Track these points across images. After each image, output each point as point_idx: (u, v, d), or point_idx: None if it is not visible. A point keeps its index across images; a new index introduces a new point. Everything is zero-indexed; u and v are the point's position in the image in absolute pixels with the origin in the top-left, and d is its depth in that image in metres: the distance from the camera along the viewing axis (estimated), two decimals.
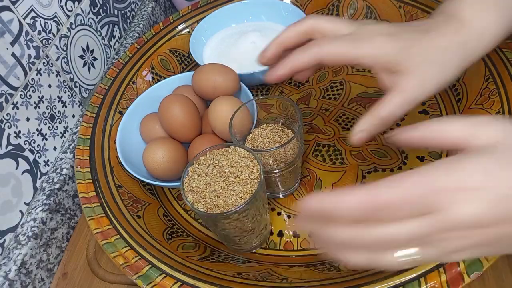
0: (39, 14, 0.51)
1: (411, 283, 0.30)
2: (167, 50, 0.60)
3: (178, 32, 0.62)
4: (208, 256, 0.40)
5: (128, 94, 0.55)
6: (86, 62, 0.60)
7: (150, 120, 0.49)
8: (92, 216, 0.41)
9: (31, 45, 0.49)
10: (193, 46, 0.57)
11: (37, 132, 0.50)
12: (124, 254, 0.37)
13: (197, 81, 0.48)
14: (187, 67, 0.61)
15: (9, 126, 0.45)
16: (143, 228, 0.41)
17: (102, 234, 0.39)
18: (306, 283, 0.34)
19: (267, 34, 0.58)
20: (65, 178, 0.50)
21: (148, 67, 0.58)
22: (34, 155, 0.49)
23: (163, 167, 0.43)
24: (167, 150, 0.43)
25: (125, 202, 0.43)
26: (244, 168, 0.35)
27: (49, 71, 0.52)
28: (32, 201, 0.48)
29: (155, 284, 0.34)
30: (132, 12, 0.73)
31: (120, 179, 0.46)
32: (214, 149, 0.37)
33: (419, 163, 0.43)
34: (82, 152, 0.47)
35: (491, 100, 0.41)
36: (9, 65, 0.46)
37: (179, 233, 0.43)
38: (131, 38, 0.69)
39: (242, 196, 0.33)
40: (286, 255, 0.40)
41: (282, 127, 0.45)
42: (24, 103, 0.48)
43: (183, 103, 0.45)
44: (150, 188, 0.48)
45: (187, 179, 0.36)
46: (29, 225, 0.45)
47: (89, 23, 0.61)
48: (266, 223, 0.39)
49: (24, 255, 0.43)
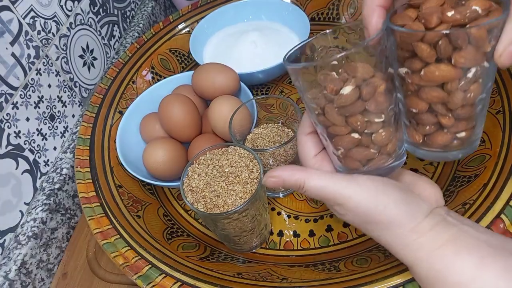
0: (39, 13, 0.51)
1: (411, 282, 0.30)
2: (167, 50, 0.60)
3: (178, 31, 0.62)
4: (208, 256, 0.40)
5: (128, 94, 0.55)
6: (86, 62, 0.60)
7: (150, 120, 0.48)
8: (92, 216, 0.40)
9: (30, 45, 0.49)
10: (193, 46, 0.57)
11: (37, 132, 0.50)
12: (124, 254, 0.37)
13: (197, 81, 0.48)
14: (187, 66, 0.61)
15: (9, 126, 0.45)
16: (143, 228, 0.41)
17: (102, 234, 0.39)
18: (306, 283, 0.34)
19: (267, 34, 0.57)
20: (65, 178, 0.50)
21: (148, 67, 0.58)
22: (34, 155, 0.49)
23: (163, 167, 0.43)
24: (167, 150, 0.43)
25: (125, 202, 0.43)
26: (244, 168, 0.35)
27: (49, 71, 0.52)
28: (32, 201, 0.48)
29: (155, 284, 0.34)
30: (132, 12, 0.73)
31: (120, 179, 0.45)
32: (214, 149, 0.37)
33: (419, 163, 0.43)
34: (82, 152, 0.47)
35: (491, 100, 0.41)
36: (8, 65, 0.45)
37: (179, 233, 0.43)
38: (131, 38, 0.69)
39: (242, 196, 0.33)
40: (286, 255, 0.40)
41: (282, 127, 0.45)
42: (24, 103, 0.48)
43: (183, 102, 0.45)
44: (150, 188, 0.48)
45: (186, 179, 0.35)
46: (29, 225, 0.45)
47: (89, 23, 0.61)
48: (266, 223, 0.39)
49: (24, 255, 0.43)
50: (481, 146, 0.39)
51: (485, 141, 0.39)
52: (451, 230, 0.26)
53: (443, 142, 0.28)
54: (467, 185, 0.37)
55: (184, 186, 0.35)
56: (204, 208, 0.33)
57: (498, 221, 0.31)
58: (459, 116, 0.27)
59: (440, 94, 0.26)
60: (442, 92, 0.26)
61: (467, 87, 0.25)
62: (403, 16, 0.26)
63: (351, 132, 0.27)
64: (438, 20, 0.24)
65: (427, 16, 0.24)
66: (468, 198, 0.35)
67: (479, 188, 0.35)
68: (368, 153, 0.28)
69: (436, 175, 0.42)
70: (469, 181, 0.37)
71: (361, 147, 0.28)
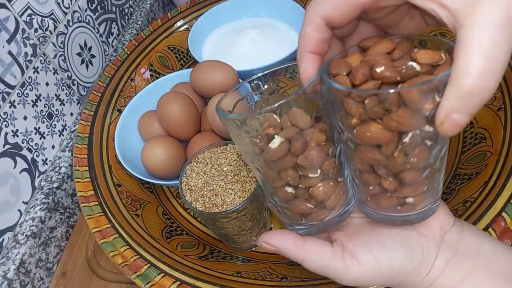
0: (36, 11, 0.51)
1: None
2: (165, 47, 0.60)
3: (176, 28, 0.61)
4: (207, 255, 0.39)
5: (127, 92, 0.54)
6: (84, 60, 0.60)
7: (149, 118, 0.48)
8: (90, 215, 0.40)
9: (28, 43, 0.49)
10: (192, 43, 0.56)
11: (35, 130, 0.49)
12: (123, 253, 0.37)
13: (196, 78, 0.48)
14: (186, 64, 0.61)
15: (6, 124, 0.45)
16: (142, 227, 0.40)
17: (100, 233, 0.39)
18: (306, 282, 0.34)
19: (266, 31, 0.57)
20: (64, 176, 0.50)
21: (147, 64, 0.58)
22: (32, 154, 0.49)
23: (161, 165, 0.42)
24: (165, 148, 0.43)
25: (124, 201, 0.43)
26: (243, 167, 0.35)
27: (46, 69, 0.52)
28: (30, 200, 0.48)
29: (154, 283, 0.34)
30: (130, 9, 0.73)
31: (119, 178, 0.45)
32: (212, 147, 0.37)
33: None
34: (80, 150, 0.47)
35: (492, 96, 0.40)
36: (5, 63, 0.45)
37: (178, 232, 0.42)
38: (129, 35, 0.68)
39: (241, 195, 0.33)
40: None
41: None
42: (21, 101, 0.47)
43: (182, 100, 0.45)
44: (149, 187, 0.47)
45: (185, 178, 0.35)
46: (28, 224, 0.45)
47: (86, 20, 0.61)
48: (266, 221, 0.39)
49: (23, 254, 0.43)
50: (482, 143, 0.39)
51: (486, 138, 0.39)
52: (464, 266, 0.25)
53: (387, 206, 0.25)
54: (468, 183, 0.37)
55: (183, 185, 0.35)
56: (202, 207, 0.33)
57: (499, 219, 0.31)
58: (403, 181, 0.23)
59: (377, 157, 0.22)
60: (380, 154, 0.22)
61: (408, 151, 0.22)
62: (338, 64, 0.23)
63: (285, 186, 0.25)
64: (363, 77, 0.21)
65: (354, 71, 0.22)
66: (469, 196, 0.35)
67: (480, 186, 0.35)
68: (304, 208, 0.26)
69: None
70: (470, 179, 0.37)
71: (298, 201, 0.26)
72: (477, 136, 0.40)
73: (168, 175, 0.43)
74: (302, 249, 0.27)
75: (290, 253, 0.28)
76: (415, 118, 0.20)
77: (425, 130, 0.21)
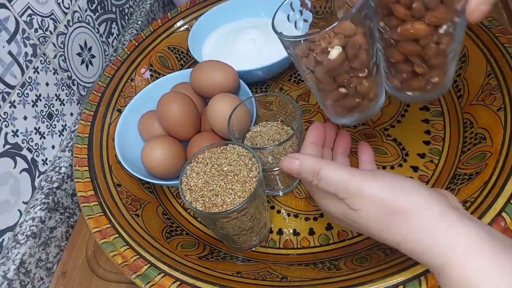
0: (36, 11, 0.51)
1: (411, 281, 0.30)
2: (165, 47, 0.60)
3: (176, 28, 0.61)
4: (207, 255, 0.39)
5: (127, 92, 0.55)
6: (84, 60, 0.60)
7: (149, 118, 0.48)
8: (90, 215, 0.40)
9: (28, 43, 0.49)
10: (192, 43, 0.56)
11: (35, 130, 0.49)
12: (123, 253, 0.37)
13: (196, 78, 0.48)
14: (186, 64, 0.61)
15: (6, 124, 0.45)
16: (142, 227, 0.40)
17: (100, 233, 0.39)
18: (306, 282, 0.34)
19: (266, 31, 0.57)
20: (64, 176, 0.50)
21: (147, 65, 0.58)
22: (32, 154, 0.49)
23: (161, 165, 0.42)
24: (165, 148, 0.43)
25: (124, 201, 0.43)
26: (243, 167, 0.35)
27: (46, 69, 0.52)
28: (30, 200, 0.48)
29: (154, 283, 0.34)
30: (130, 9, 0.73)
31: (119, 178, 0.45)
32: (212, 147, 0.37)
33: (419, 160, 0.43)
34: (80, 150, 0.47)
35: (492, 96, 0.41)
36: (5, 64, 0.45)
37: (178, 232, 0.42)
38: (129, 35, 0.68)
39: (241, 195, 0.33)
40: (286, 253, 0.40)
41: (281, 125, 0.44)
42: (21, 101, 0.47)
43: (182, 100, 0.45)
44: (149, 187, 0.47)
45: (185, 178, 0.35)
46: (28, 224, 0.45)
47: (86, 20, 0.61)
48: (266, 222, 0.39)
49: (23, 254, 0.43)
50: (482, 143, 0.39)
51: (486, 138, 0.39)
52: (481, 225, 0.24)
53: (417, 87, 0.32)
54: (468, 183, 0.37)
55: (183, 185, 0.35)
56: (202, 207, 0.33)
57: (499, 219, 0.31)
58: (432, 65, 0.30)
59: (415, 48, 0.29)
60: (417, 46, 0.28)
61: (439, 40, 0.28)
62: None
63: (339, 87, 0.31)
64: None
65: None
66: (469, 196, 0.35)
67: (480, 186, 0.35)
68: (353, 103, 0.32)
69: (436, 172, 0.41)
70: (470, 179, 0.37)
71: (347, 98, 0.31)
72: (477, 136, 0.40)
73: (168, 175, 0.43)
74: (321, 160, 0.30)
75: (309, 165, 0.30)
76: (450, 12, 0.26)
77: (455, 21, 0.27)
